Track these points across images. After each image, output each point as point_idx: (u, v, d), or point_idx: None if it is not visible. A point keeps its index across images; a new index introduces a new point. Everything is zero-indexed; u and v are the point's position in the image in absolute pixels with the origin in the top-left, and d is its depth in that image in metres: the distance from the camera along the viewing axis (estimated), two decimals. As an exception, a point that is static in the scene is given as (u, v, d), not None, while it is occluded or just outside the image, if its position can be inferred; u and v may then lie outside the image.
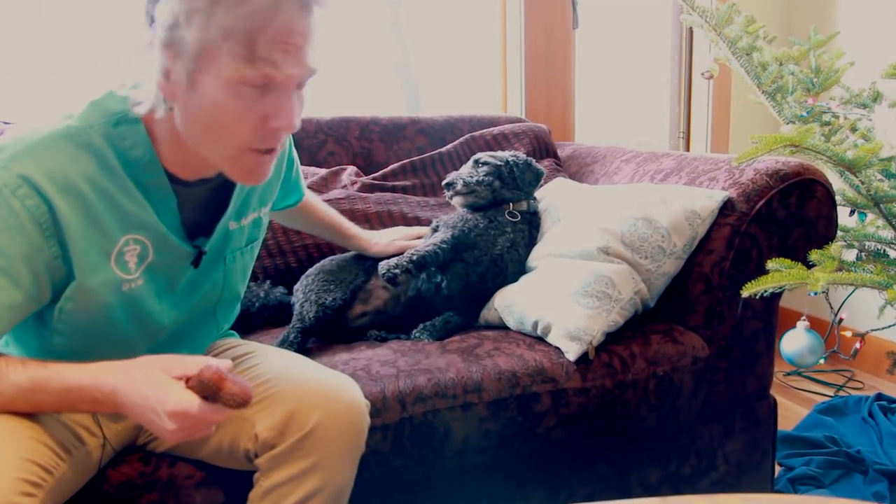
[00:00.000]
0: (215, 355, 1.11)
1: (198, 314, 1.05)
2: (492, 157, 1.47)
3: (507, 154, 1.48)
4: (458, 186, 1.43)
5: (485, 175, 1.43)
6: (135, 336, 0.96)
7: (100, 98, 0.88)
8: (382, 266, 1.31)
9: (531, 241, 1.46)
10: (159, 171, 0.90)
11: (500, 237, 1.41)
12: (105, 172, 0.86)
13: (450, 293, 1.40)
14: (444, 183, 1.45)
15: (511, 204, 1.45)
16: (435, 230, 1.46)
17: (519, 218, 1.44)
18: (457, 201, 1.46)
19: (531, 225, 1.47)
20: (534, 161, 1.49)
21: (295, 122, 0.85)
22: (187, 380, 0.81)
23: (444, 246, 1.36)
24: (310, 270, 1.44)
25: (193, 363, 0.82)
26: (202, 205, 0.97)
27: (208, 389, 0.80)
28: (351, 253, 1.50)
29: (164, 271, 0.95)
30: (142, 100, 0.83)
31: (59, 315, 0.89)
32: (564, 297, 1.26)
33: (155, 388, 0.80)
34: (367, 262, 1.45)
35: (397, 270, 1.30)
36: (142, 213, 0.90)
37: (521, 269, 1.43)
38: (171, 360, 0.84)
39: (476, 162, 1.47)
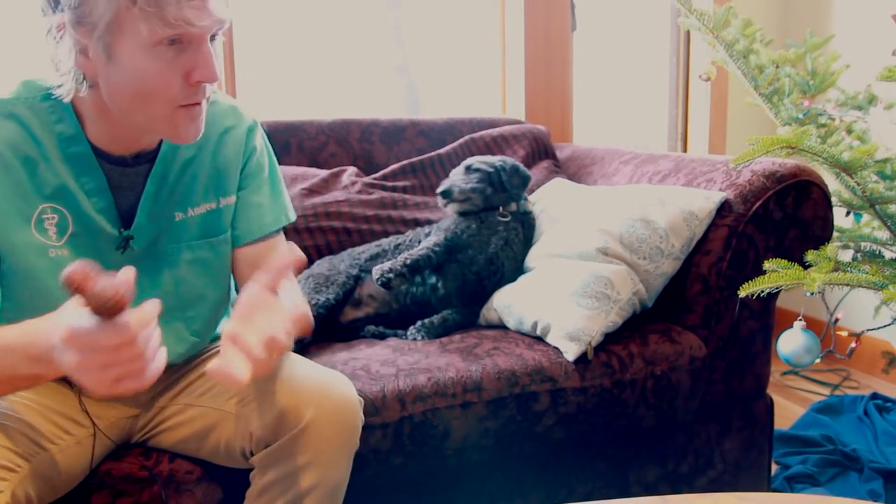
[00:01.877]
0: (209, 355, 1.09)
1: (164, 317, 0.98)
2: (483, 162, 1.49)
3: (496, 159, 1.50)
4: (455, 194, 1.45)
5: (477, 182, 1.46)
6: None
7: (34, 77, 0.91)
8: (376, 271, 1.33)
9: (526, 240, 1.48)
10: (84, 145, 0.91)
11: (493, 237, 1.43)
12: (29, 141, 0.89)
13: (447, 292, 1.41)
14: (439, 191, 1.47)
15: (501, 207, 1.47)
16: (427, 235, 1.48)
17: (509, 218, 1.46)
18: (451, 209, 1.48)
19: (524, 224, 1.48)
20: (521, 165, 1.52)
21: (216, 71, 0.86)
22: None
23: (437, 249, 1.38)
24: (302, 273, 1.46)
25: None
26: (140, 191, 0.97)
27: (78, 294, 0.66)
28: (342, 255, 1.52)
29: (89, 248, 0.95)
30: (61, 82, 0.85)
31: (4, 283, 0.91)
32: (564, 298, 1.28)
33: (60, 319, 0.73)
34: (356, 267, 1.46)
35: (391, 275, 1.32)
36: (60, 184, 0.91)
37: (517, 267, 1.45)
38: None
39: (468, 168, 1.49)
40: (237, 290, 1.13)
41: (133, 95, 0.85)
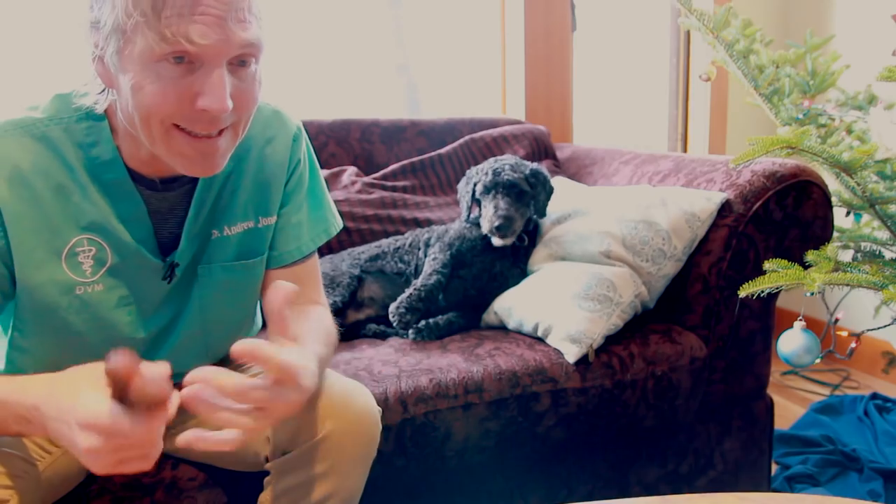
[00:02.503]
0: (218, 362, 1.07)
1: (184, 337, 0.96)
2: (524, 180, 1.40)
3: (528, 169, 1.42)
4: (509, 233, 1.37)
5: (523, 209, 1.40)
6: (105, 350, 0.92)
7: (67, 92, 0.84)
8: (394, 317, 1.31)
9: (532, 249, 1.47)
10: (121, 170, 0.84)
11: (500, 260, 1.41)
12: (61, 167, 0.82)
13: (447, 304, 1.41)
14: (496, 224, 1.36)
15: (523, 232, 1.43)
16: (427, 243, 1.46)
17: (526, 242, 1.44)
18: (498, 242, 1.40)
19: (531, 237, 1.47)
20: (549, 177, 1.45)
21: (225, 101, 0.74)
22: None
23: (445, 271, 1.37)
24: None
25: None
26: (182, 216, 0.90)
27: (119, 387, 0.65)
28: (342, 254, 1.51)
29: (130, 281, 0.89)
30: (87, 91, 0.80)
31: (16, 312, 0.86)
32: (565, 300, 1.27)
33: (72, 397, 0.67)
34: (356, 267, 1.46)
35: (409, 316, 1.30)
36: (97, 214, 0.85)
37: (521, 279, 1.43)
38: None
39: (512, 189, 1.38)
40: (262, 311, 1.09)
41: (135, 113, 0.76)
